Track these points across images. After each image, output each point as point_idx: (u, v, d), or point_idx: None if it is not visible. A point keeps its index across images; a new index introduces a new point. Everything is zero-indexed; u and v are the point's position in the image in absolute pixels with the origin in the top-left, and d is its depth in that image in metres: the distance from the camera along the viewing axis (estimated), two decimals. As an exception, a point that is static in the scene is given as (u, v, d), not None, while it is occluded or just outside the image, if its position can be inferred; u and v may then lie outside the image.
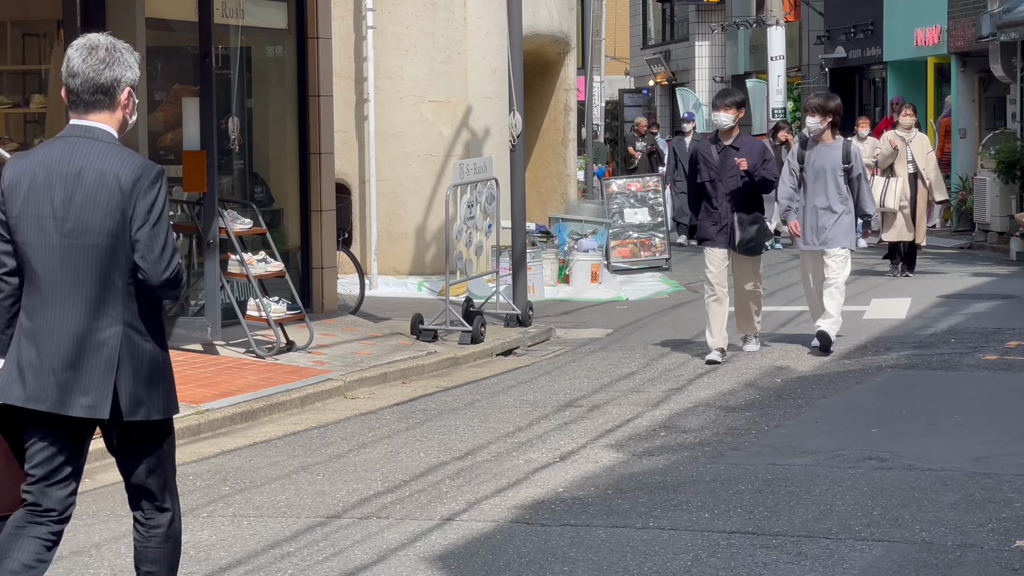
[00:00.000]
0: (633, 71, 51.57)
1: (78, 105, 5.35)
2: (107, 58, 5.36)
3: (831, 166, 12.86)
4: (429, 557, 7.07)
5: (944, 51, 28.39)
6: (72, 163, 5.28)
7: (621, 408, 10.81)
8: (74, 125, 5.36)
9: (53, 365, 5.24)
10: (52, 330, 5.27)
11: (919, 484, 8.26)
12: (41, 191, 5.29)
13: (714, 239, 12.60)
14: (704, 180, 12.63)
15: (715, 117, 12.71)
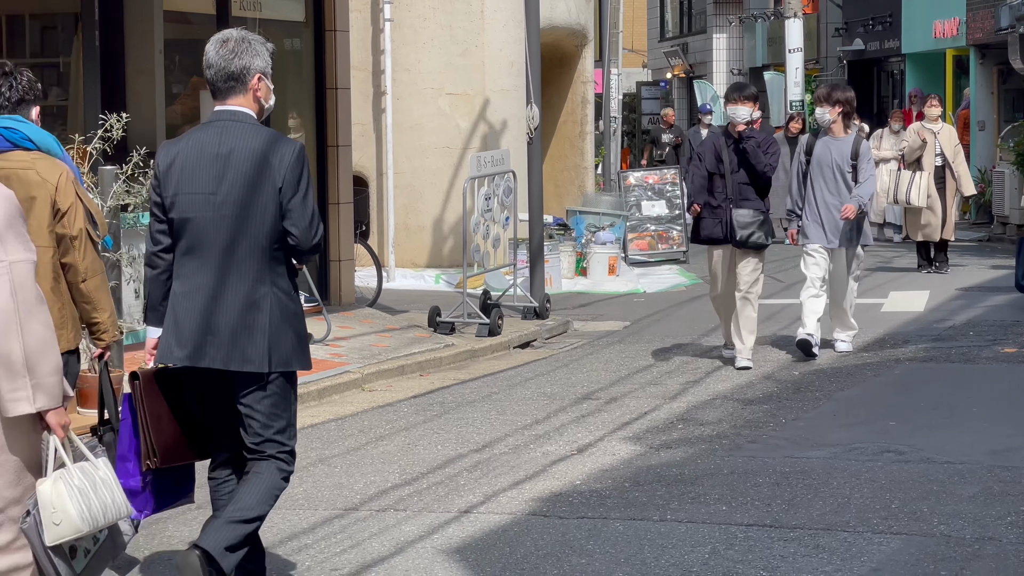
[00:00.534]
0: (651, 64, 51.52)
1: (216, 93, 5.92)
2: (236, 48, 5.87)
3: (839, 161, 12.20)
4: (446, 549, 7.08)
5: (963, 43, 28.32)
6: (223, 144, 5.83)
7: (638, 401, 10.80)
8: (219, 111, 5.91)
9: (212, 327, 5.81)
10: (209, 295, 5.83)
11: (937, 477, 8.25)
12: (195, 171, 5.85)
13: (715, 237, 11.97)
14: (714, 172, 12.00)
15: (731, 110, 12.01)
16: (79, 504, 4.93)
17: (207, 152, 5.87)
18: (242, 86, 5.90)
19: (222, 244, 5.83)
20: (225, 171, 5.83)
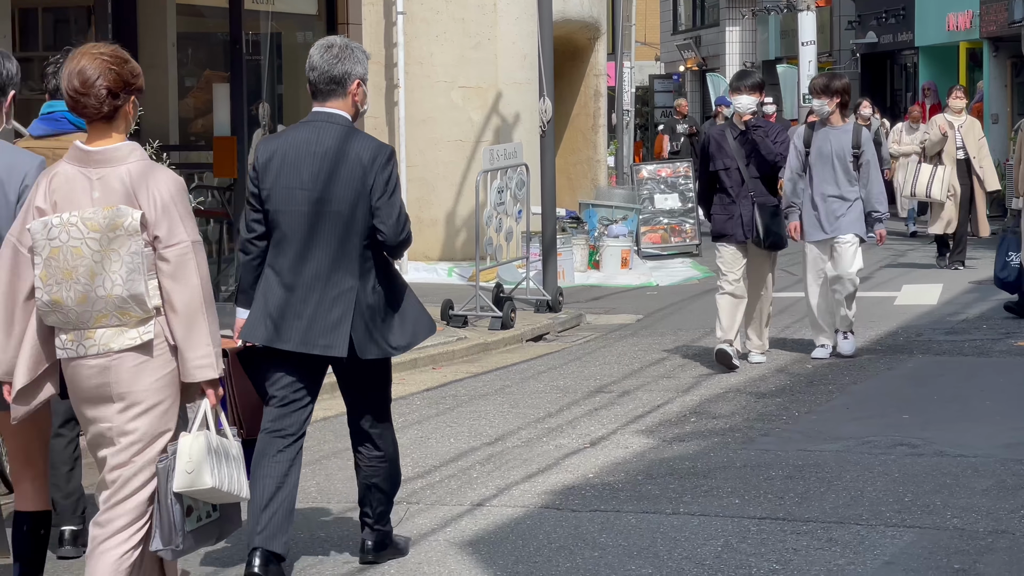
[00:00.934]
0: (663, 57, 51.50)
1: (317, 94, 6.42)
2: (340, 54, 6.39)
3: (839, 151, 11.69)
4: (459, 542, 7.08)
5: (976, 36, 28.28)
6: (319, 143, 6.33)
7: (651, 394, 10.80)
8: (317, 111, 6.41)
9: (298, 312, 6.30)
10: (298, 283, 6.33)
11: (951, 470, 8.24)
12: (292, 166, 6.34)
13: (730, 234, 11.43)
14: (719, 168, 11.48)
15: (736, 100, 11.62)
16: (212, 462, 5.29)
17: (304, 150, 6.34)
18: (342, 90, 6.39)
19: (314, 236, 6.32)
20: (320, 168, 6.31)
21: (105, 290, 5.18)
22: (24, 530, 5.77)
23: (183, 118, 13.81)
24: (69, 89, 5.25)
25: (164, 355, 5.27)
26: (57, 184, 5.27)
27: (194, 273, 5.24)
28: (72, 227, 5.19)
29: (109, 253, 5.18)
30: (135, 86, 5.32)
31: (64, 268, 5.20)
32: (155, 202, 5.21)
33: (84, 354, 5.23)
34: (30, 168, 5.62)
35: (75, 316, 5.22)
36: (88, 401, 5.29)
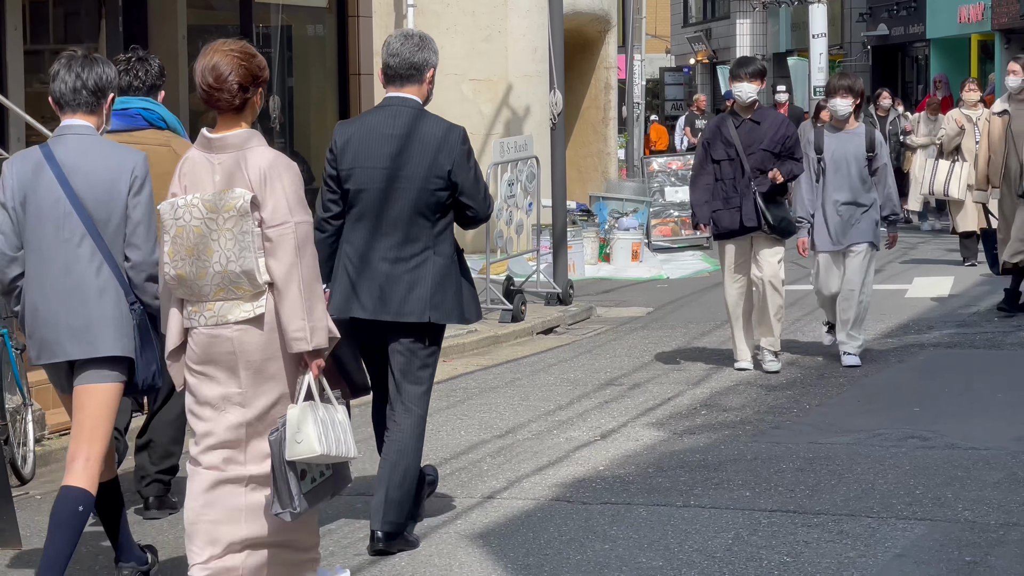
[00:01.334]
0: (674, 49, 51.49)
1: (395, 80, 6.86)
2: (420, 43, 6.86)
3: (853, 155, 11.16)
4: (470, 535, 7.09)
5: (988, 28, 28.24)
6: (395, 126, 6.78)
7: (662, 386, 10.80)
8: (391, 96, 6.87)
9: (379, 283, 6.76)
10: (377, 256, 6.78)
11: (962, 463, 8.23)
12: (369, 148, 6.79)
13: (730, 228, 10.92)
14: (720, 159, 10.93)
15: (736, 88, 11.02)
16: (319, 430, 5.62)
17: (380, 132, 6.80)
18: (420, 76, 6.85)
19: (391, 212, 6.78)
20: (396, 149, 6.76)
21: (221, 266, 5.62)
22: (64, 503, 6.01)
23: (193, 111, 13.80)
24: (203, 84, 5.70)
25: (275, 327, 5.66)
26: (187, 169, 5.76)
27: (292, 251, 5.61)
28: (193, 207, 5.65)
29: (223, 231, 5.62)
30: (262, 79, 5.79)
31: (187, 245, 5.66)
32: (263, 184, 5.63)
33: (204, 324, 5.69)
34: (137, 161, 6.03)
35: (196, 289, 5.68)
36: (210, 368, 5.70)
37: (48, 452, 8.84)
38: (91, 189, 5.97)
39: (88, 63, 6.12)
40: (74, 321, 5.94)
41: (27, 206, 6.00)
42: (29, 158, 6.07)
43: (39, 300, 5.99)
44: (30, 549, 7.06)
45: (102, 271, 5.97)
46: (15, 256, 6.04)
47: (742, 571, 6.45)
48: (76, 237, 5.96)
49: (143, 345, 6.04)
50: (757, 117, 11.00)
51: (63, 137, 6.06)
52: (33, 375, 9.22)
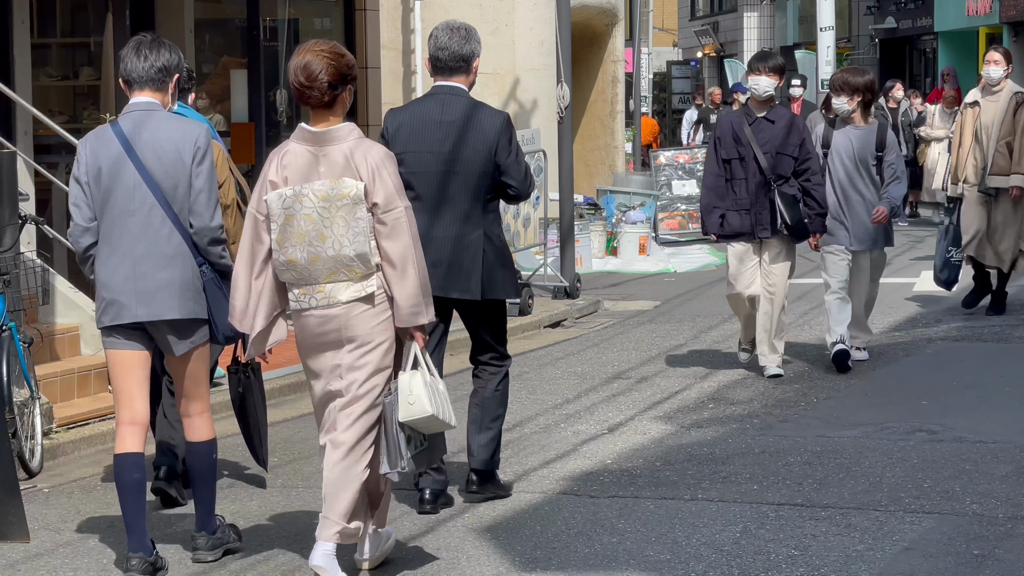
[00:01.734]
0: (681, 43, 51.44)
1: (443, 70, 7.31)
2: (466, 35, 7.30)
3: (862, 153, 10.71)
4: (478, 528, 7.09)
5: (996, 21, 28.19)
6: (445, 113, 7.23)
7: (669, 380, 10.79)
8: (439, 85, 7.31)
9: (435, 261, 7.02)
10: (433, 236, 7.11)
11: (970, 456, 8.22)
12: (421, 134, 7.22)
13: (739, 231, 10.40)
14: (732, 157, 10.38)
15: (753, 82, 10.46)
16: (429, 393, 6.16)
17: (431, 119, 7.24)
18: (467, 67, 7.32)
19: (444, 194, 7.21)
20: (447, 135, 7.21)
21: (334, 251, 6.09)
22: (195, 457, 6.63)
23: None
24: (295, 82, 6.16)
25: (383, 304, 6.18)
26: (288, 161, 6.18)
27: (406, 233, 6.14)
28: (304, 197, 6.10)
29: (336, 219, 6.09)
30: (351, 76, 6.23)
31: (298, 232, 6.10)
32: (373, 174, 6.11)
33: (315, 305, 6.15)
34: (200, 133, 6.46)
35: (307, 273, 6.14)
36: (321, 344, 6.20)
37: (56, 445, 8.84)
38: (158, 160, 6.39)
39: (156, 46, 6.53)
40: (144, 286, 6.36)
41: (100, 179, 6.43)
42: (102, 134, 6.49)
43: (111, 267, 6.41)
44: (38, 542, 7.07)
45: (172, 238, 6.39)
46: (89, 226, 6.46)
47: (750, 564, 6.45)
48: (146, 206, 6.38)
49: (216, 302, 6.47)
50: (772, 116, 10.45)
51: (131, 113, 6.49)
52: (41, 369, 9.23)
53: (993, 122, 12.59)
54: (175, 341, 6.46)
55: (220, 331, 6.51)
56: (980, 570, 6.32)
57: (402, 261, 6.13)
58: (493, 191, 7.35)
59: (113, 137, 6.44)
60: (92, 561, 6.80)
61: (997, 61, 12.73)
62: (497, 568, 6.52)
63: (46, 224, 9.76)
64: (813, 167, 10.38)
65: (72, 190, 6.55)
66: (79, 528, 7.34)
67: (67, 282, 10.38)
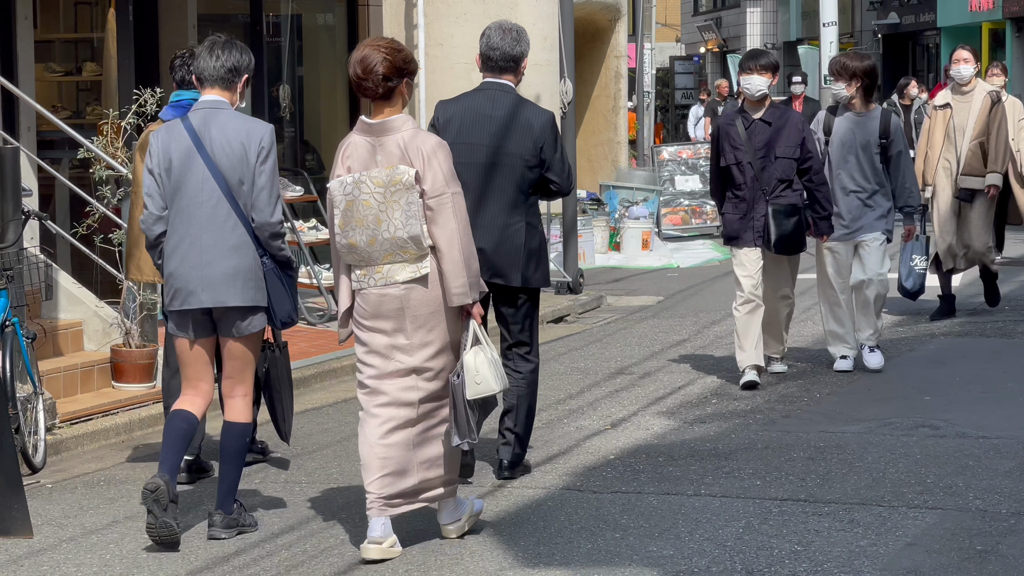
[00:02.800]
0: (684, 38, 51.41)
1: (494, 68, 7.76)
2: (517, 37, 7.72)
3: (863, 140, 10.39)
4: (481, 523, 7.08)
5: (999, 16, 28.17)
6: (494, 107, 7.66)
7: (672, 375, 10.79)
8: (489, 81, 7.77)
9: (485, 250, 7.38)
10: (478, 224, 7.30)
11: (973, 452, 8.22)
12: (470, 126, 7.60)
13: (742, 236, 10.03)
14: (729, 163, 9.99)
15: (745, 81, 10.07)
16: (493, 372, 6.58)
17: (480, 113, 7.65)
18: (516, 66, 7.75)
19: (491, 185, 7.55)
20: (495, 129, 7.62)
21: (389, 233, 6.50)
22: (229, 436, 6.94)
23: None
24: (353, 75, 6.57)
25: (437, 284, 6.55)
26: (350, 152, 6.63)
27: (452, 218, 6.51)
28: (362, 184, 6.52)
29: (391, 203, 6.49)
30: (408, 70, 6.63)
31: (357, 217, 6.53)
32: (423, 161, 6.50)
33: (373, 285, 6.56)
34: (265, 132, 6.86)
35: (367, 255, 6.56)
36: (380, 323, 6.58)
37: (59, 441, 8.85)
38: (225, 156, 6.79)
39: (227, 47, 6.93)
40: (208, 274, 6.77)
41: (171, 172, 6.83)
42: (173, 129, 6.90)
43: (179, 255, 6.82)
44: (41, 538, 7.08)
45: (236, 229, 6.80)
46: (160, 215, 6.87)
47: (753, 560, 6.45)
48: (213, 199, 6.78)
49: (275, 291, 6.89)
50: (769, 117, 10.02)
51: (201, 110, 6.89)
52: (44, 364, 9.23)
53: (967, 123, 12.30)
54: (235, 326, 6.86)
55: (278, 318, 6.93)
56: (983, 566, 6.32)
57: (448, 244, 6.51)
58: (537, 186, 7.73)
59: (184, 132, 6.83)
60: (95, 557, 6.80)
61: (966, 59, 12.39)
62: (500, 564, 6.52)
63: (49, 220, 9.77)
64: (815, 167, 10.04)
65: (145, 180, 6.91)
66: (82, 524, 7.35)
67: (70, 278, 10.38)
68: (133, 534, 7.10)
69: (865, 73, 10.46)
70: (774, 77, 10.13)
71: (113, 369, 9.84)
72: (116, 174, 10.03)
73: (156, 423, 9.52)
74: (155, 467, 8.40)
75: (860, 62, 10.56)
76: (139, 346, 9.83)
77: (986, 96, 12.33)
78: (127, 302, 9.83)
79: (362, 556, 6.53)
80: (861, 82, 10.47)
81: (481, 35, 7.82)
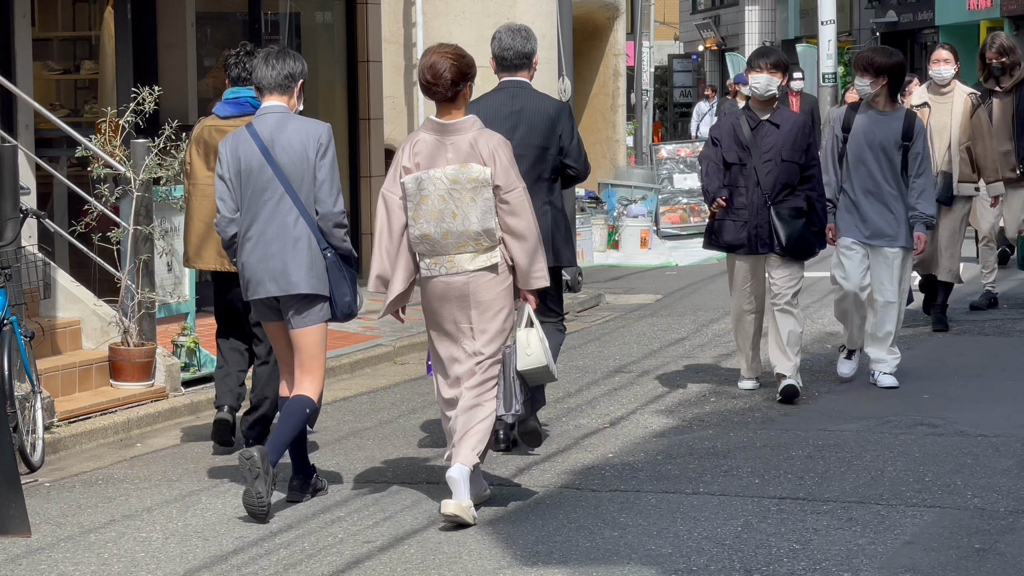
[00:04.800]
0: (682, 36, 51.40)
1: (508, 67, 8.32)
2: (527, 36, 8.31)
3: (885, 141, 9.80)
4: (479, 522, 7.08)
5: (997, 15, 28.16)
6: (514, 104, 8.23)
7: (671, 374, 10.79)
8: (507, 80, 8.32)
9: None
10: None
11: (971, 450, 8.22)
12: (495, 122, 7.89)
13: (740, 243, 9.64)
14: (734, 163, 9.63)
15: (753, 80, 9.67)
16: (542, 347, 7.21)
17: (502, 109, 8.15)
18: (528, 63, 8.32)
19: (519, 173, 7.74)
20: (517, 123, 8.17)
21: (463, 226, 7.11)
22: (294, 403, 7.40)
23: (202, 98, 13.79)
24: (422, 80, 7.19)
25: (504, 272, 7.21)
26: (419, 148, 7.20)
27: (527, 210, 7.17)
28: (436, 180, 7.12)
29: (464, 198, 7.10)
30: (470, 75, 7.25)
31: (432, 210, 7.12)
32: (496, 160, 7.13)
33: (444, 273, 7.17)
34: (323, 131, 7.44)
35: (439, 246, 7.15)
36: (449, 307, 7.19)
37: (57, 440, 8.84)
38: (287, 156, 7.37)
39: (281, 55, 7.53)
40: (275, 265, 7.34)
41: (240, 175, 7.41)
42: (240, 136, 7.47)
43: (248, 249, 7.40)
44: (39, 537, 7.07)
45: (298, 223, 7.35)
46: (233, 217, 7.46)
47: (751, 558, 6.44)
48: (277, 196, 7.36)
49: (336, 282, 7.42)
50: (776, 119, 9.67)
51: (264, 116, 7.49)
52: (42, 363, 9.23)
53: (946, 125, 11.91)
54: (298, 315, 7.40)
55: (339, 309, 7.46)
56: (982, 564, 6.32)
57: (527, 233, 7.16)
58: (557, 171, 8.32)
59: (249, 138, 7.42)
60: (93, 555, 6.80)
61: (947, 60, 11.90)
62: (499, 562, 6.52)
63: (47, 218, 9.76)
64: (816, 175, 9.67)
65: (217, 186, 7.50)
66: (80, 522, 7.34)
67: (68, 276, 10.37)
68: (131, 533, 7.10)
69: (892, 70, 9.86)
70: (784, 77, 9.76)
71: (111, 368, 9.84)
72: (114, 172, 10.03)
73: (154, 422, 9.53)
74: (154, 467, 8.44)
75: (887, 58, 9.93)
76: (137, 345, 9.82)
77: (966, 98, 11.88)
78: (125, 300, 9.83)
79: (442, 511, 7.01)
80: (887, 79, 9.87)
81: (492, 39, 8.34)
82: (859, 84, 9.94)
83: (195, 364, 10.36)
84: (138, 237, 9.89)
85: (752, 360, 10.06)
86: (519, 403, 7.18)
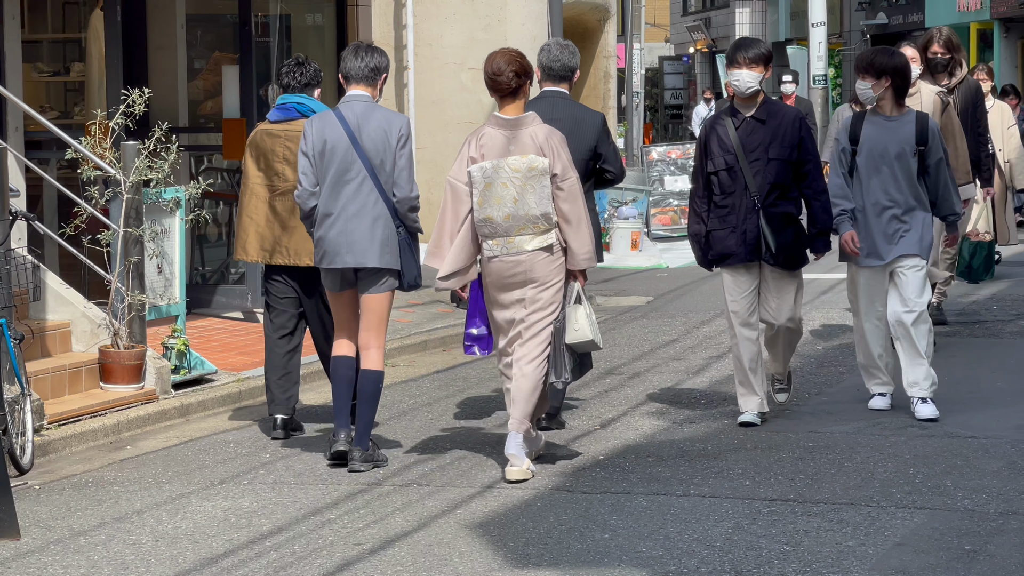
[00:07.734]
0: (673, 38, 51.39)
1: (554, 77, 8.94)
2: (572, 51, 8.96)
3: (897, 149, 9.07)
4: (470, 524, 7.08)
5: (987, 17, 28.19)
6: (555, 111, 8.69)
7: (661, 376, 10.79)
8: (548, 90, 8.93)
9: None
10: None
11: (961, 452, 8.22)
12: None
13: (733, 253, 8.95)
14: (717, 169, 8.88)
15: (733, 76, 8.89)
16: (590, 322, 8.01)
17: (543, 117, 8.26)
18: (572, 75, 8.95)
19: None
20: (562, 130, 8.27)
21: (523, 211, 7.90)
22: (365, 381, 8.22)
23: (192, 100, 13.78)
24: (487, 77, 7.99)
25: (558, 252, 7.99)
26: (484, 141, 7.97)
27: (580, 197, 7.98)
28: (502, 169, 7.90)
29: (527, 186, 7.88)
30: (528, 74, 8.05)
31: (496, 197, 7.91)
32: (554, 152, 7.92)
33: (506, 254, 7.94)
34: (402, 123, 8.22)
35: (502, 229, 7.93)
36: (508, 284, 7.98)
37: (47, 442, 8.83)
38: (371, 141, 8.13)
39: (369, 50, 8.29)
40: (353, 239, 8.10)
41: (324, 154, 8.14)
42: (326, 118, 8.22)
43: (328, 223, 8.14)
44: (29, 540, 7.06)
45: (377, 203, 8.12)
46: (314, 191, 8.18)
47: (742, 560, 6.44)
48: (359, 177, 8.12)
49: (405, 258, 8.19)
50: (761, 115, 8.89)
51: (350, 103, 8.23)
52: (32, 365, 9.21)
53: None
54: (371, 284, 8.17)
55: (406, 281, 8.24)
56: (971, 565, 6.32)
57: (578, 219, 7.93)
58: (591, 175, 8.87)
59: (336, 121, 8.15)
60: (83, 558, 6.79)
61: (912, 59, 10.61)
62: (489, 564, 6.51)
63: (37, 220, 9.75)
64: (813, 172, 8.93)
65: (300, 162, 8.20)
66: (70, 525, 7.33)
67: (58, 278, 10.35)
68: (121, 535, 7.09)
69: (895, 70, 9.14)
70: (766, 70, 8.88)
71: (101, 370, 9.82)
72: (104, 174, 10.01)
73: (144, 424, 9.51)
74: (144, 470, 8.42)
75: (889, 58, 9.21)
76: (127, 347, 9.81)
77: (935, 97, 11.31)
78: (115, 303, 9.81)
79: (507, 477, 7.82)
80: (891, 81, 9.14)
81: (541, 50, 8.98)
82: (860, 87, 9.28)
83: (185, 366, 10.33)
84: (128, 239, 9.87)
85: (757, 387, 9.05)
86: (567, 371, 7.95)
